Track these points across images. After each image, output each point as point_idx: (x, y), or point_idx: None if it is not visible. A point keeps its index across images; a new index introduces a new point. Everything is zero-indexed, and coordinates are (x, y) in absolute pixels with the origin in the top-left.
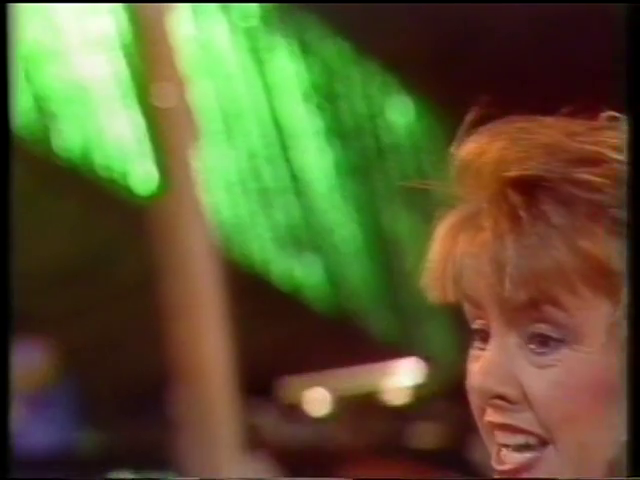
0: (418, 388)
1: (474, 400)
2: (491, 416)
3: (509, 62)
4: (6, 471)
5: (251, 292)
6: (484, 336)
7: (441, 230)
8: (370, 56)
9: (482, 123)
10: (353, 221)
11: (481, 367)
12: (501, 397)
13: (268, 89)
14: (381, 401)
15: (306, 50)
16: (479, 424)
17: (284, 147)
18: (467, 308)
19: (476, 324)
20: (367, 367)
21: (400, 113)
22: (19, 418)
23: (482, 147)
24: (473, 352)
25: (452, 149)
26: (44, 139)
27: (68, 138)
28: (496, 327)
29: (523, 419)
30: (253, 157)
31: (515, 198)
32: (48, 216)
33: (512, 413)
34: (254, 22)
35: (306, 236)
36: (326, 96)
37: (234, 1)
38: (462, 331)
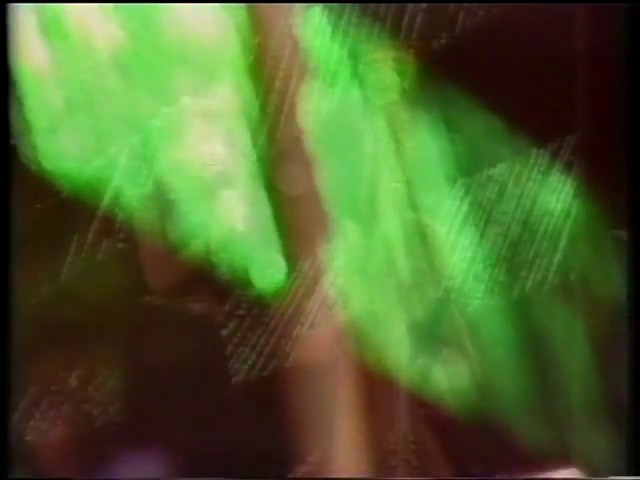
0: None
1: None
2: None
3: None
4: (6, 471)
5: (387, 397)
6: None
7: None
8: (521, 132)
9: None
10: (502, 317)
11: None
12: None
13: (407, 171)
14: None
15: (449, 127)
16: None
17: (424, 235)
18: None
19: None
20: None
21: (556, 196)
22: None
23: None
24: None
25: None
26: (162, 230)
27: (187, 228)
28: None
29: None
30: (389, 247)
31: None
32: (166, 318)
33: None
34: (392, 97)
35: (448, 335)
36: (472, 178)
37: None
38: (623, 437)
